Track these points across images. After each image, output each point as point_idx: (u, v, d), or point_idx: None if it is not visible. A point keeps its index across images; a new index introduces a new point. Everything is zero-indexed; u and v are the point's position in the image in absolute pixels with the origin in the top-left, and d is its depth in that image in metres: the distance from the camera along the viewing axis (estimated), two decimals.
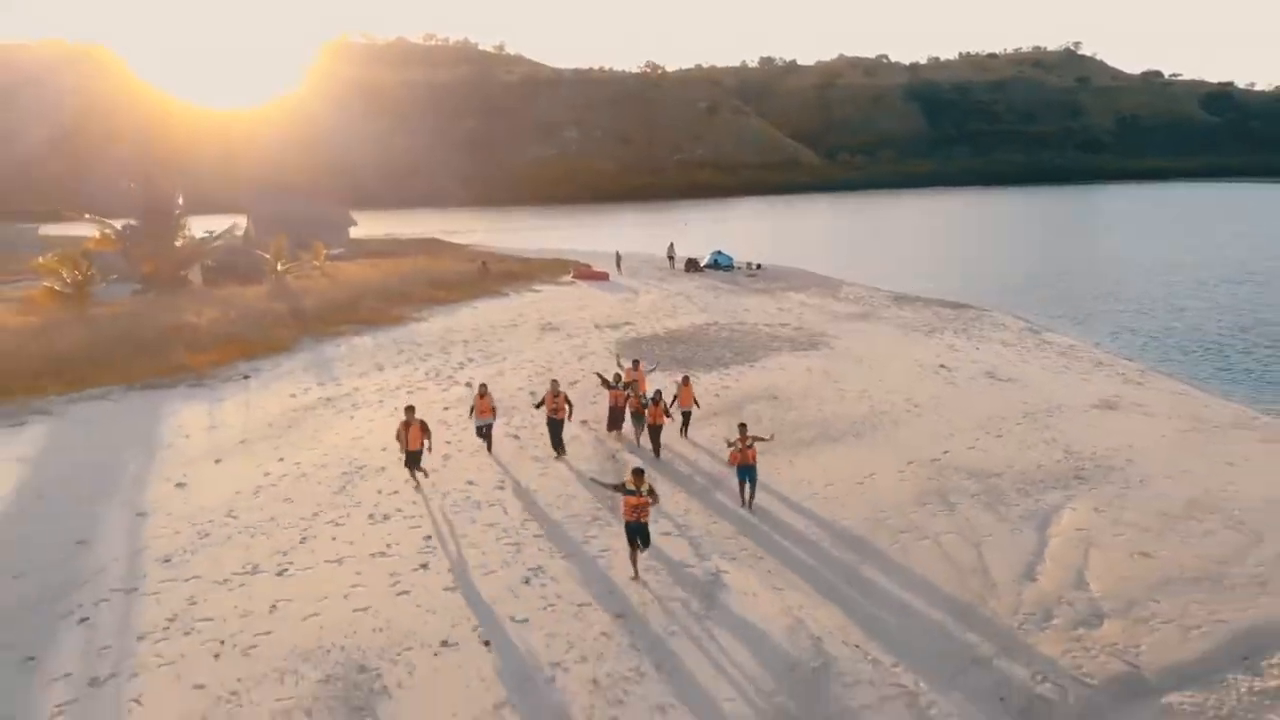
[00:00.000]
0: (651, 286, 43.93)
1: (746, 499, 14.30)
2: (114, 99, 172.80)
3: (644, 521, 11.65)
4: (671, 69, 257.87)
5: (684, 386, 18.05)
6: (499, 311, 36.17)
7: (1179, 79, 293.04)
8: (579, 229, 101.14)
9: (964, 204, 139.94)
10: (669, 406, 17.21)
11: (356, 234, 72.86)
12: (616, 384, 18.14)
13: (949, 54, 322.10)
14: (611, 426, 18.12)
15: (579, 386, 21.82)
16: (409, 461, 15.23)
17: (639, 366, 19.21)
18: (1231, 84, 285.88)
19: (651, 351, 26.95)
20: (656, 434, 16.82)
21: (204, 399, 21.78)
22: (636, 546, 11.77)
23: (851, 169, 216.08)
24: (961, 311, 35.35)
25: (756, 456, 14.17)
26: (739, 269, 50.81)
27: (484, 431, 17.07)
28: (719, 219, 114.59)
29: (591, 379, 21.50)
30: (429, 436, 15.33)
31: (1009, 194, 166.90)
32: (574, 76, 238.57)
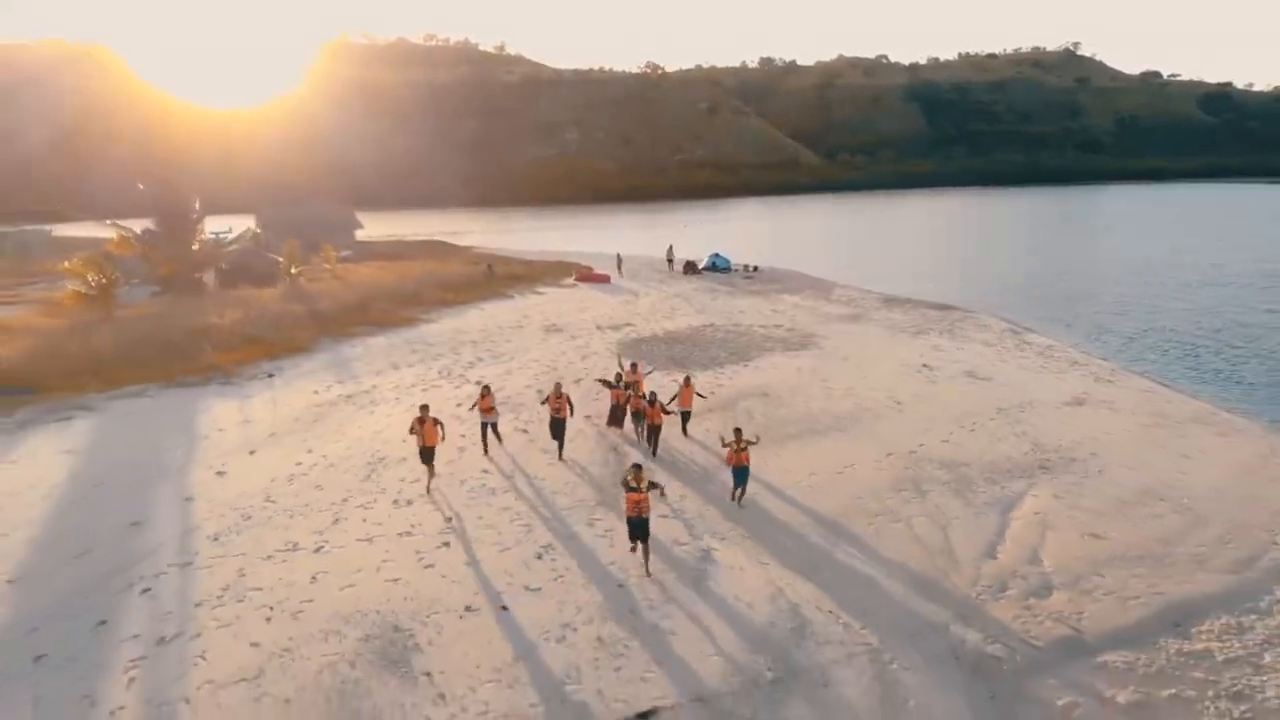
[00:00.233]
0: (651, 288, 44.91)
1: (737, 496, 15.24)
2: (114, 99, 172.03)
3: (645, 517, 12.50)
4: (672, 69, 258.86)
5: (685, 387, 18.93)
6: (505, 313, 37.23)
7: (1177, 79, 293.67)
8: (579, 230, 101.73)
9: (963, 204, 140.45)
10: (665, 405, 18.04)
11: (360, 235, 74.00)
12: (618, 384, 19.44)
13: (948, 54, 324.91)
14: (612, 423, 19.29)
15: (582, 385, 23.20)
16: (424, 457, 15.99)
17: (637, 369, 20.22)
18: (1230, 84, 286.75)
19: (651, 352, 28.04)
20: (655, 433, 17.85)
21: (234, 396, 23.15)
22: (638, 541, 12.64)
23: (851, 169, 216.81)
24: (948, 313, 36.28)
25: (750, 459, 15.06)
26: (736, 271, 51.79)
27: (486, 429, 17.82)
28: (718, 220, 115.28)
29: (594, 377, 22.93)
30: (444, 433, 16.05)
31: (1008, 194, 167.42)
32: (574, 77, 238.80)
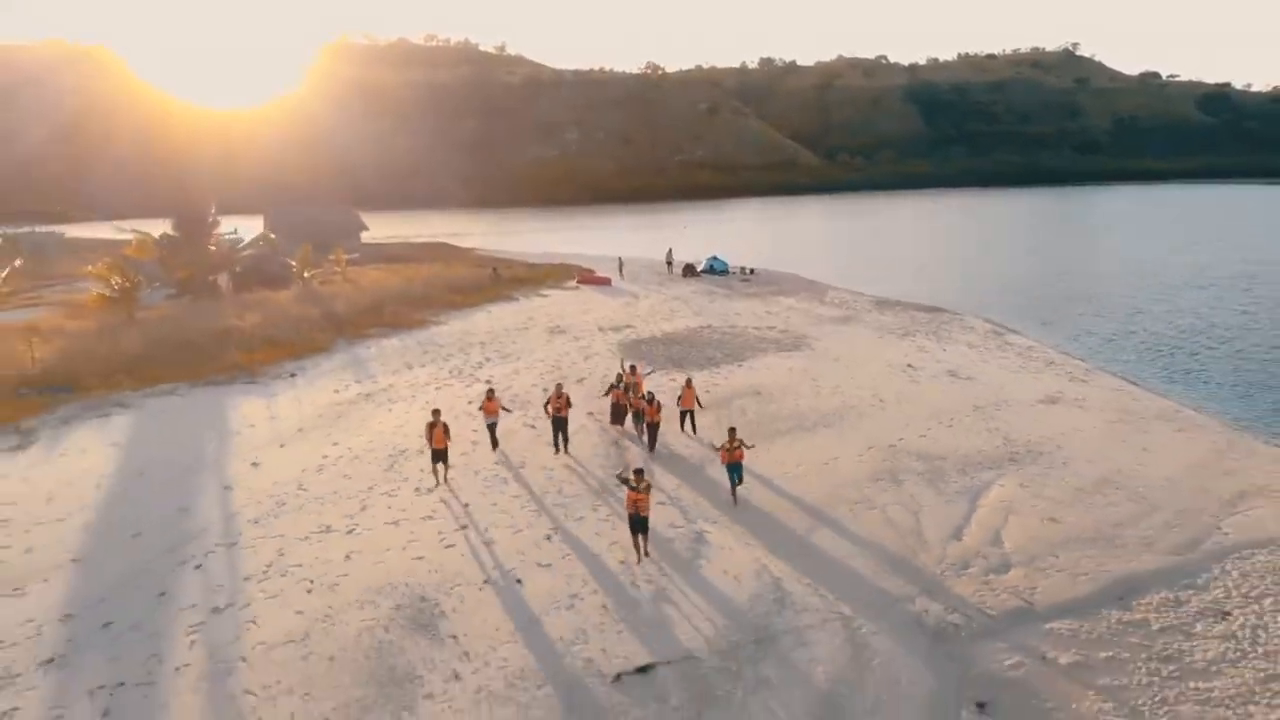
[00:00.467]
0: (651, 291, 46.21)
1: (734, 494, 16.29)
2: (114, 99, 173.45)
3: (644, 515, 13.44)
4: (672, 70, 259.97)
5: (686, 388, 20.22)
6: (511, 315, 38.59)
7: (1176, 80, 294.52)
8: (580, 231, 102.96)
9: (961, 205, 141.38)
10: (660, 403, 19.29)
11: (364, 237, 75.33)
12: (618, 384, 20.90)
13: (948, 55, 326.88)
14: (614, 420, 20.72)
15: (585, 384, 24.68)
16: (436, 458, 16.92)
17: (637, 371, 21.51)
18: (1228, 85, 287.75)
19: (650, 353, 29.44)
20: (654, 430, 19.19)
21: (260, 394, 24.63)
22: (638, 535, 13.61)
23: (850, 170, 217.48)
24: (936, 315, 37.60)
25: (744, 456, 16.20)
26: (733, 274, 53.02)
27: (492, 429, 18.92)
28: (718, 220, 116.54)
29: (597, 377, 24.44)
30: (449, 435, 16.99)
31: (1006, 195, 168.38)
32: (575, 77, 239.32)
